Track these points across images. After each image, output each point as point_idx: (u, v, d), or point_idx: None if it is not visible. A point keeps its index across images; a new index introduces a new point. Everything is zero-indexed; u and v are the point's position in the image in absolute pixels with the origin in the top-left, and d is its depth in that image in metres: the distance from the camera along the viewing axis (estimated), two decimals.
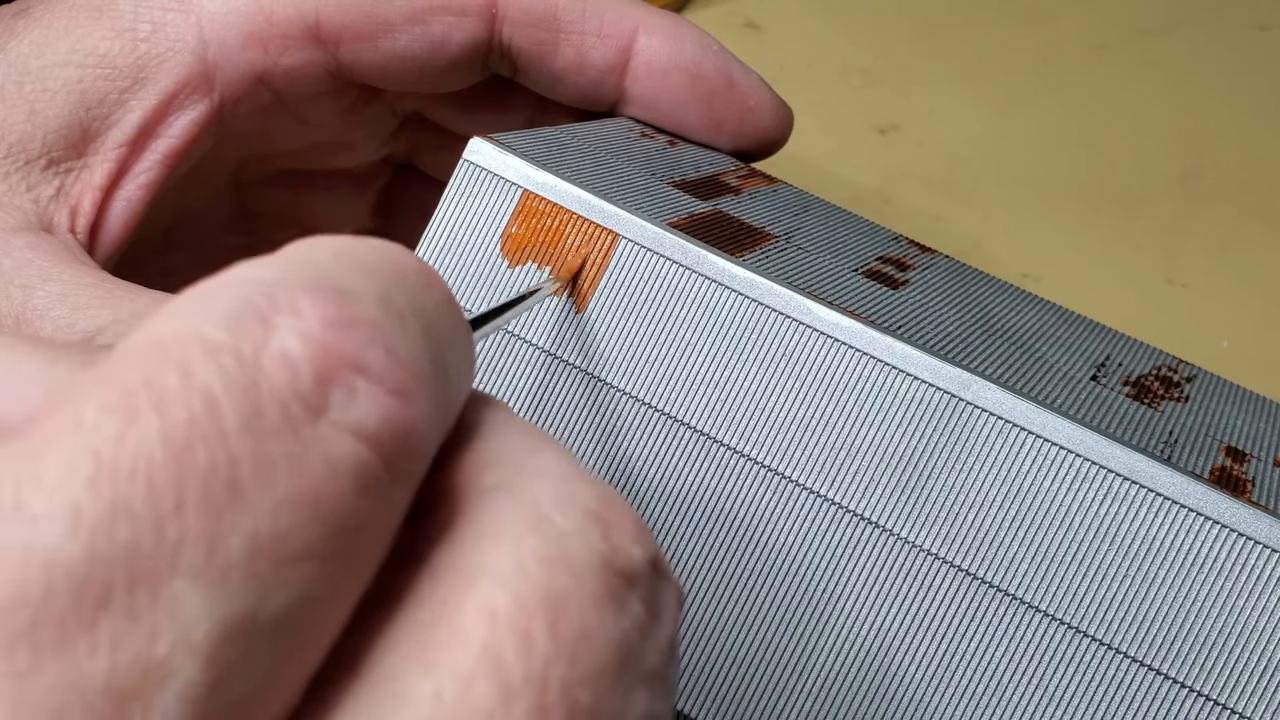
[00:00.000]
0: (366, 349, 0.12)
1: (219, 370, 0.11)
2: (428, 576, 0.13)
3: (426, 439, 0.13)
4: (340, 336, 0.12)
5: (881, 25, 0.44)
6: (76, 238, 0.25)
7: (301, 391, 0.12)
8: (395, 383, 0.12)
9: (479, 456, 0.14)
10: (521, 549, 0.13)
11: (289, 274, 0.13)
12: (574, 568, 0.13)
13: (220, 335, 0.12)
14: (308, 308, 0.12)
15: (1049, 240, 0.38)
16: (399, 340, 0.13)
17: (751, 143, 0.28)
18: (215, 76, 0.26)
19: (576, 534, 0.13)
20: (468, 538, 0.13)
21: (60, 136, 0.25)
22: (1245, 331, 0.35)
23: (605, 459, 0.21)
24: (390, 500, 0.12)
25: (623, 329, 0.21)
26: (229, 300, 0.12)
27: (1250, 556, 0.18)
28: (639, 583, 0.13)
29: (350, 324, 0.12)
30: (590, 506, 0.14)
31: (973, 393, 0.20)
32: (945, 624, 0.19)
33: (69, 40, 0.25)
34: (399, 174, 0.34)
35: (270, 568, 0.11)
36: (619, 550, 0.13)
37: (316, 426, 0.12)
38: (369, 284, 0.13)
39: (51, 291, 0.22)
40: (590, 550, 0.13)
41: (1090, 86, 0.42)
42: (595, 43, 0.27)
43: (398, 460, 0.12)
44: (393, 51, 0.26)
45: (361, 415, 0.12)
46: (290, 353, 0.12)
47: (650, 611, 0.14)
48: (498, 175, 0.22)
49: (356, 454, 0.12)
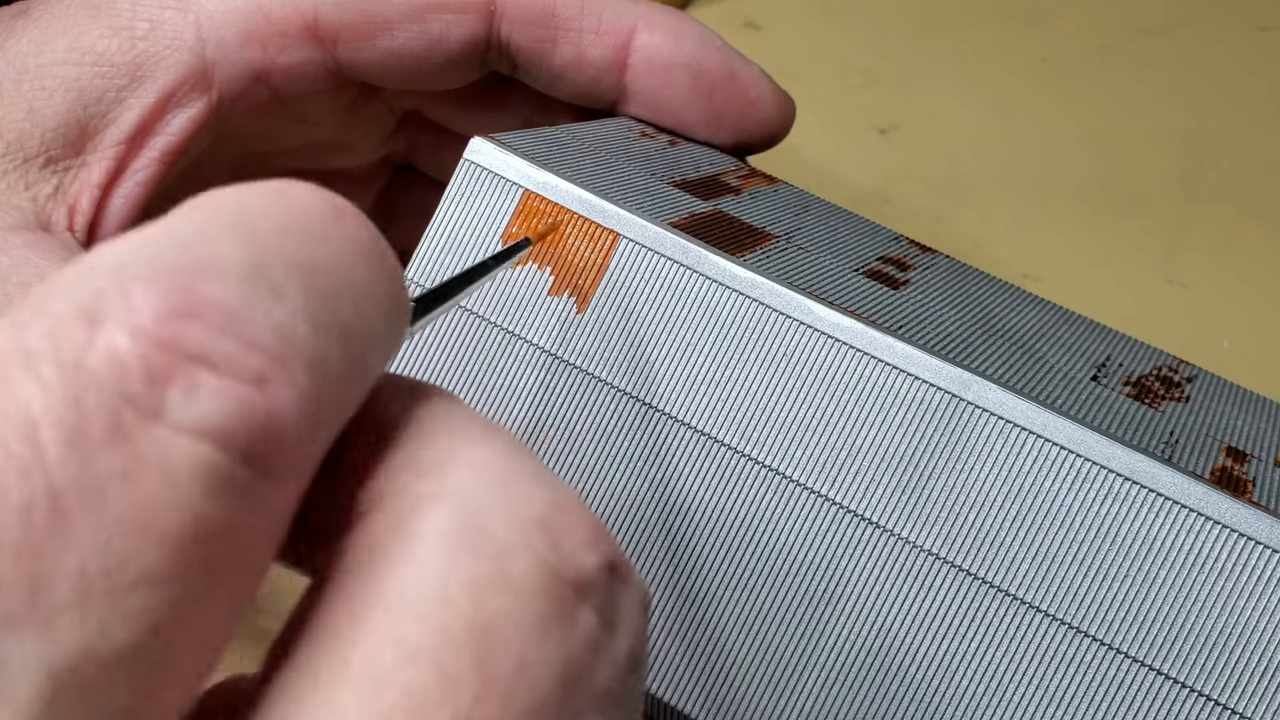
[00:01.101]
0: (212, 336, 0.11)
1: (39, 385, 0.10)
2: (345, 605, 0.12)
3: (303, 425, 0.12)
4: (178, 327, 0.11)
5: (881, 25, 0.44)
6: (74, 236, 0.25)
7: (133, 394, 0.11)
8: (250, 369, 0.11)
9: (412, 457, 0.13)
10: (453, 570, 0.12)
11: (133, 259, 0.11)
12: (513, 587, 0.12)
13: (40, 342, 0.11)
14: (141, 297, 0.11)
15: (1049, 240, 0.38)
16: (260, 319, 0.11)
17: (754, 135, 0.28)
18: (213, 74, 0.26)
19: (519, 546, 0.12)
20: (393, 556, 0.12)
21: (58, 135, 0.25)
22: (1245, 331, 0.35)
23: (605, 459, 0.21)
24: (261, 500, 0.11)
25: (623, 329, 0.21)
26: (57, 303, 0.11)
27: (1251, 557, 0.18)
28: (592, 592, 0.12)
29: (193, 310, 0.11)
30: (536, 511, 0.12)
31: (973, 393, 0.20)
32: (945, 624, 0.19)
33: (67, 39, 0.25)
34: (398, 174, 0.34)
35: (106, 601, 0.10)
36: (568, 558, 0.12)
37: (152, 431, 0.11)
38: (240, 249, 0.12)
39: None
40: (535, 563, 0.12)
41: (1090, 86, 0.42)
42: (594, 40, 0.27)
43: (262, 454, 0.11)
44: (391, 49, 0.26)
45: (204, 412, 0.11)
46: (118, 352, 0.11)
47: (606, 622, 0.13)
48: (498, 175, 0.22)
49: (200, 455, 0.11)
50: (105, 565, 0.10)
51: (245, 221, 0.12)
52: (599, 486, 0.21)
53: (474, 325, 0.22)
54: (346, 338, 0.12)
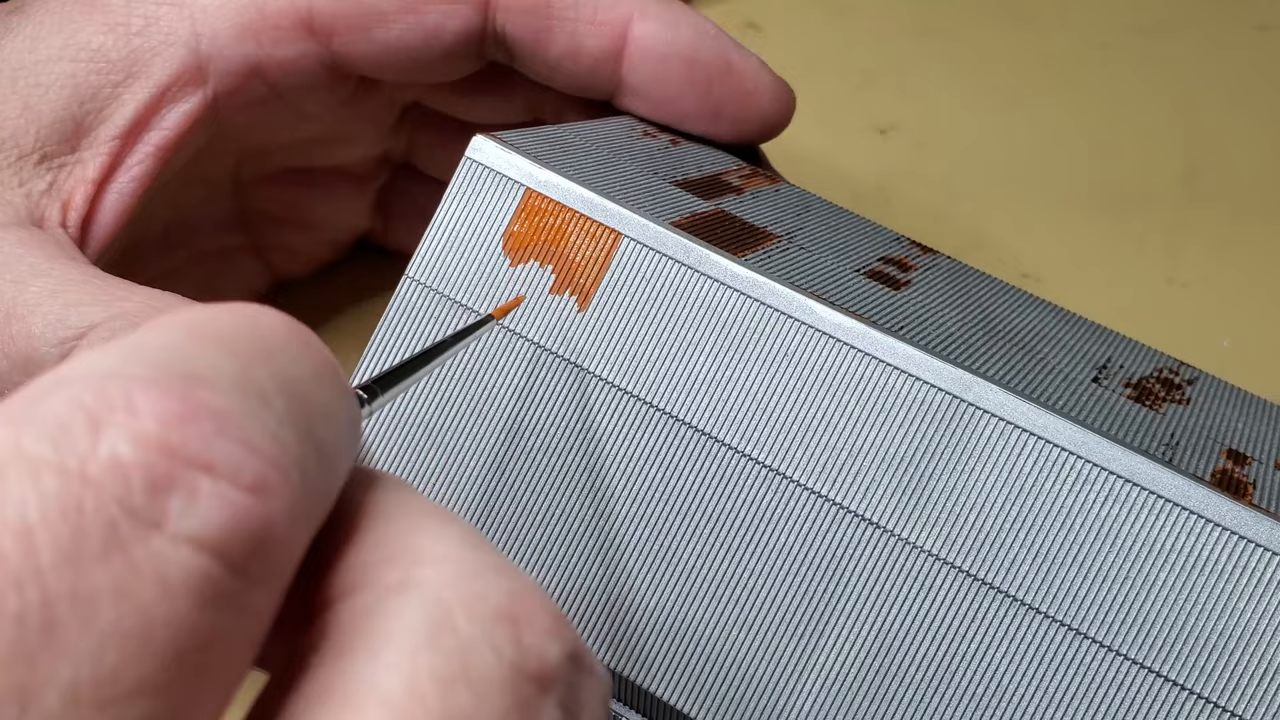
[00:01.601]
0: (213, 442, 0.11)
1: (37, 494, 0.10)
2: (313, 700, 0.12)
3: (291, 533, 0.12)
4: (181, 432, 0.11)
5: (881, 25, 0.44)
6: (68, 232, 0.25)
7: (132, 505, 0.11)
8: (249, 476, 0.11)
9: (373, 548, 0.13)
10: (417, 666, 0.12)
11: (129, 364, 0.11)
12: (477, 684, 0.12)
13: (41, 449, 0.11)
14: (144, 403, 0.11)
15: (1049, 240, 0.38)
16: (255, 425, 0.12)
17: (752, 127, 0.28)
18: (209, 69, 0.25)
19: (482, 640, 0.12)
20: (358, 651, 0.12)
21: (53, 131, 0.25)
22: (1245, 331, 0.35)
23: (606, 459, 0.21)
24: (249, 607, 0.11)
25: (624, 328, 0.21)
26: (58, 403, 0.11)
27: (1251, 559, 0.18)
28: (555, 685, 0.13)
29: (194, 416, 0.11)
30: (499, 603, 0.13)
31: (974, 394, 0.20)
32: (945, 625, 0.19)
33: (62, 35, 0.25)
34: (398, 173, 0.33)
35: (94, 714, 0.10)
36: (531, 651, 0.12)
37: (150, 543, 0.11)
38: (225, 362, 0.12)
39: (43, 287, 0.22)
40: (498, 658, 0.12)
41: (1090, 86, 0.42)
42: (589, 29, 0.27)
43: (253, 563, 0.11)
44: (387, 41, 0.26)
45: (203, 520, 0.11)
46: (121, 460, 0.11)
47: (568, 713, 0.13)
48: (500, 173, 0.22)
49: (197, 567, 0.11)
50: (97, 677, 0.10)
51: (222, 338, 0.12)
52: (599, 485, 0.21)
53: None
54: (322, 448, 0.13)
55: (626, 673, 0.21)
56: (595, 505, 0.21)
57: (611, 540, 0.21)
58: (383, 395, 0.17)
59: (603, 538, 0.21)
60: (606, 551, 0.21)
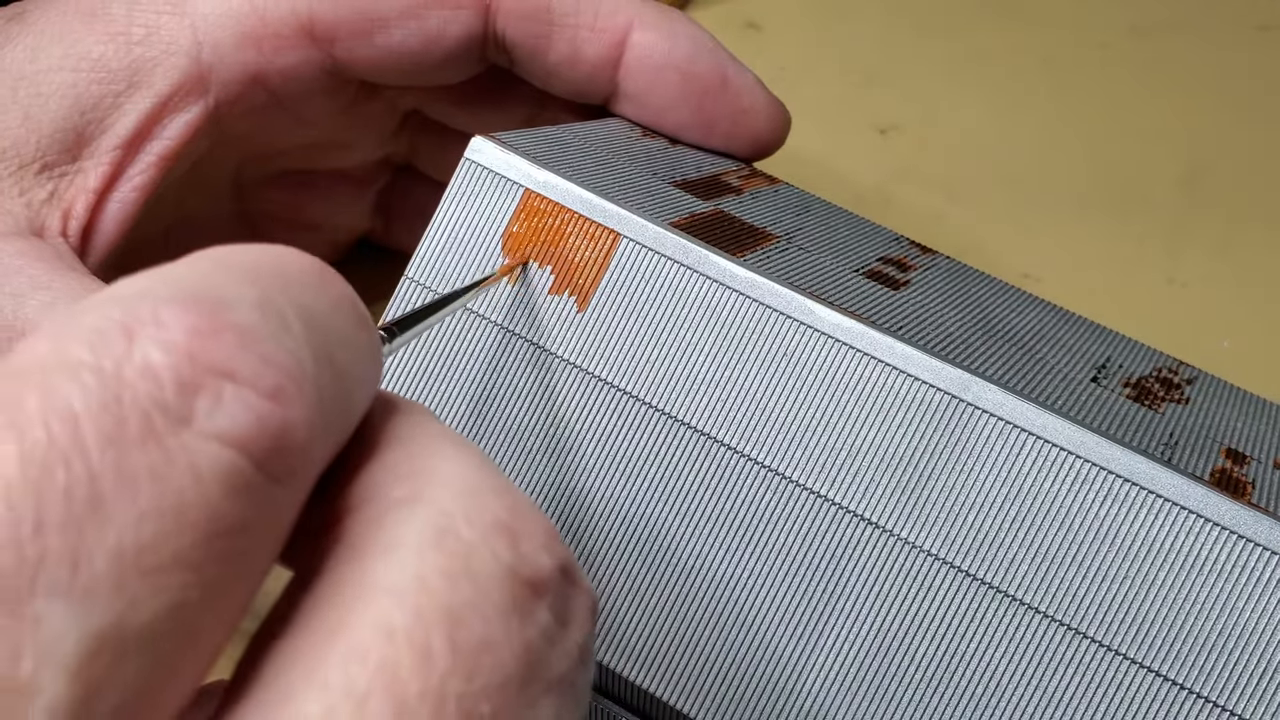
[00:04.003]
0: (235, 353, 0.12)
1: (80, 388, 0.11)
2: (329, 592, 0.13)
3: (309, 439, 0.13)
4: (205, 343, 0.12)
5: (881, 25, 0.44)
6: (69, 241, 0.25)
7: (164, 401, 0.12)
8: (268, 385, 0.12)
9: (389, 468, 0.14)
10: (424, 562, 0.13)
11: (158, 287, 0.13)
12: (477, 579, 0.13)
13: (82, 353, 0.12)
14: (171, 318, 0.12)
15: (1049, 240, 0.38)
16: (274, 342, 0.13)
17: (745, 145, 0.28)
18: (210, 78, 0.26)
19: (482, 545, 0.13)
20: (371, 552, 0.13)
21: (54, 141, 0.25)
22: (1245, 331, 0.35)
23: (605, 459, 0.21)
24: (272, 502, 0.12)
25: (623, 328, 0.21)
26: (94, 318, 0.12)
27: (1250, 559, 0.18)
28: (547, 591, 0.14)
29: (217, 330, 0.12)
30: (498, 517, 0.14)
31: (973, 393, 0.20)
32: (945, 625, 0.19)
33: (63, 45, 0.25)
34: (399, 175, 0.33)
35: (137, 578, 0.11)
36: (526, 559, 0.14)
37: (181, 435, 0.12)
38: (248, 289, 0.13)
39: (42, 300, 0.22)
40: (496, 561, 0.13)
41: (1090, 86, 0.42)
42: (589, 36, 0.27)
43: (275, 461, 0.12)
44: (388, 47, 0.26)
45: (229, 420, 0.12)
46: (153, 364, 0.12)
47: (559, 619, 0.14)
48: (499, 174, 0.22)
49: (224, 459, 0.12)
50: (139, 545, 0.11)
51: (247, 270, 0.14)
52: (599, 486, 0.21)
53: (474, 324, 0.22)
54: (339, 373, 0.14)
55: (626, 673, 0.21)
56: (595, 505, 0.21)
57: (611, 540, 0.21)
58: (401, 335, 0.18)
59: (602, 538, 0.21)
60: (606, 551, 0.21)
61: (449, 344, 0.22)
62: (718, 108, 0.27)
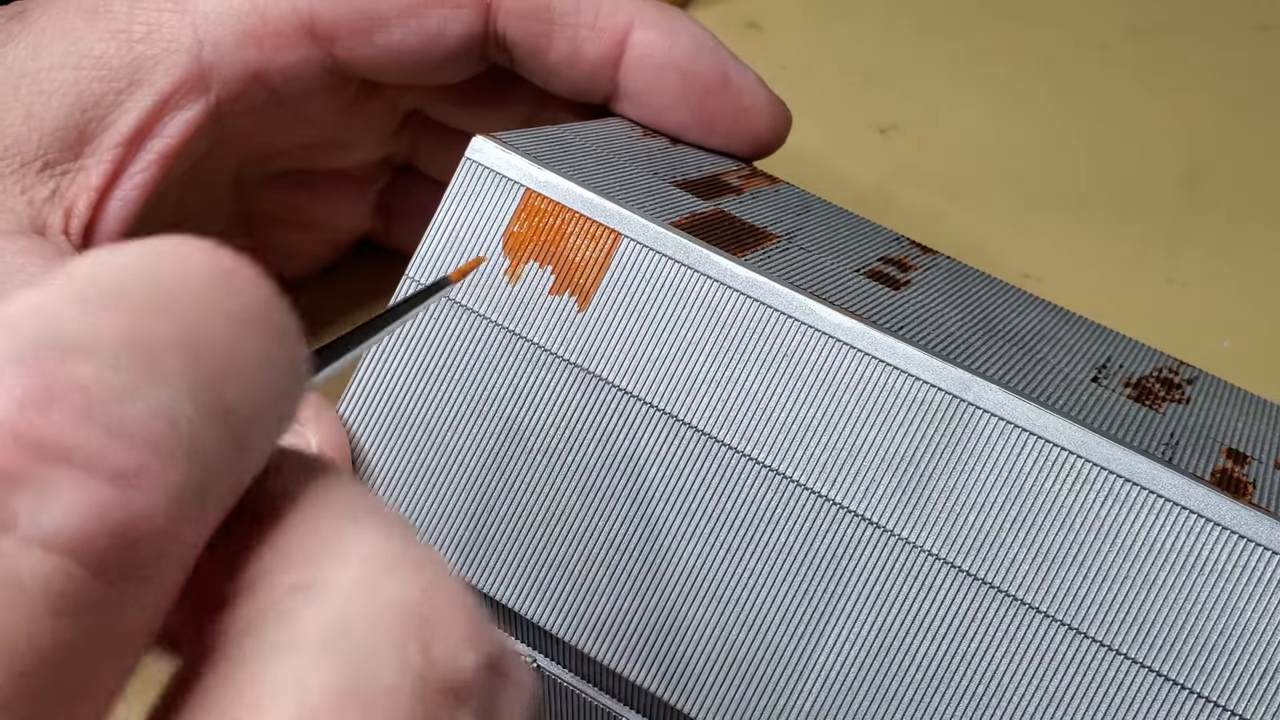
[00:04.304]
0: (75, 426, 0.10)
1: None
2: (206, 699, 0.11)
3: (174, 525, 0.10)
4: (38, 417, 0.10)
5: (881, 25, 0.44)
6: (70, 239, 0.25)
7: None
8: (113, 465, 0.10)
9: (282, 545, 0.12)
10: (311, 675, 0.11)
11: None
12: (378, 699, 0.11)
13: None
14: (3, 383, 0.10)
15: (1049, 240, 0.38)
16: (133, 401, 0.10)
17: (745, 144, 0.28)
18: (211, 76, 0.26)
19: (385, 650, 0.11)
20: (255, 653, 0.11)
21: (56, 139, 0.25)
22: (1245, 331, 0.36)
23: (606, 459, 0.21)
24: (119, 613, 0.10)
25: (624, 328, 0.21)
26: None
27: (1251, 558, 0.18)
28: (470, 695, 0.11)
29: (55, 397, 0.10)
30: (407, 606, 0.11)
31: (973, 393, 0.20)
32: (945, 624, 0.19)
33: (65, 43, 0.25)
34: (400, 175, 0.33)
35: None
36: (440, 661, 0.11)
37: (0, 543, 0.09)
38: (114, 319, 0.11)
39: None
40: (403, 668, 0.11)
41: (1090, 86, 0.42)
42: (589, 35, 0.27)
43: (123, 559, 0.10)
44: (389, 45, 0.26)
45: (58, 519, 0.10)
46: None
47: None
48: (500, 174, 0.22)
49: (50, 572, 0.10)
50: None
51: (126, 284, 0.11)
52: (599, 485, 0.21)
53: (474, 323, 0.22)
54: (235, 417, 0.11)
55: (626, 672, 0.21)
56: (594, 506, 0.21)
57: (611, 541, 0.21)
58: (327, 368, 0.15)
59: (602, 538, 0.21)
60: (606, 552, 0.21)
61: (449, 343, 0.22)
62: (718, 107, 0.27)
